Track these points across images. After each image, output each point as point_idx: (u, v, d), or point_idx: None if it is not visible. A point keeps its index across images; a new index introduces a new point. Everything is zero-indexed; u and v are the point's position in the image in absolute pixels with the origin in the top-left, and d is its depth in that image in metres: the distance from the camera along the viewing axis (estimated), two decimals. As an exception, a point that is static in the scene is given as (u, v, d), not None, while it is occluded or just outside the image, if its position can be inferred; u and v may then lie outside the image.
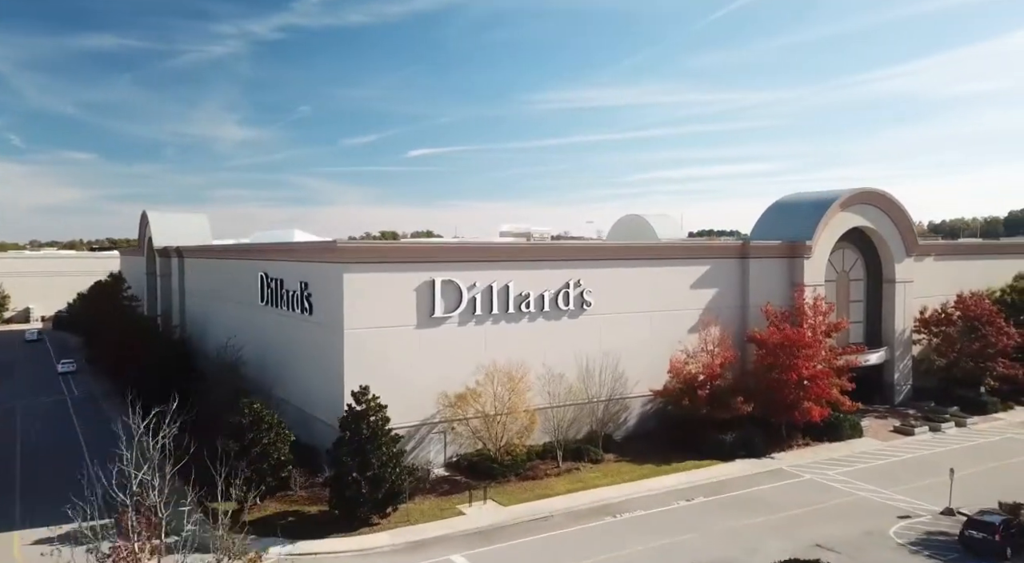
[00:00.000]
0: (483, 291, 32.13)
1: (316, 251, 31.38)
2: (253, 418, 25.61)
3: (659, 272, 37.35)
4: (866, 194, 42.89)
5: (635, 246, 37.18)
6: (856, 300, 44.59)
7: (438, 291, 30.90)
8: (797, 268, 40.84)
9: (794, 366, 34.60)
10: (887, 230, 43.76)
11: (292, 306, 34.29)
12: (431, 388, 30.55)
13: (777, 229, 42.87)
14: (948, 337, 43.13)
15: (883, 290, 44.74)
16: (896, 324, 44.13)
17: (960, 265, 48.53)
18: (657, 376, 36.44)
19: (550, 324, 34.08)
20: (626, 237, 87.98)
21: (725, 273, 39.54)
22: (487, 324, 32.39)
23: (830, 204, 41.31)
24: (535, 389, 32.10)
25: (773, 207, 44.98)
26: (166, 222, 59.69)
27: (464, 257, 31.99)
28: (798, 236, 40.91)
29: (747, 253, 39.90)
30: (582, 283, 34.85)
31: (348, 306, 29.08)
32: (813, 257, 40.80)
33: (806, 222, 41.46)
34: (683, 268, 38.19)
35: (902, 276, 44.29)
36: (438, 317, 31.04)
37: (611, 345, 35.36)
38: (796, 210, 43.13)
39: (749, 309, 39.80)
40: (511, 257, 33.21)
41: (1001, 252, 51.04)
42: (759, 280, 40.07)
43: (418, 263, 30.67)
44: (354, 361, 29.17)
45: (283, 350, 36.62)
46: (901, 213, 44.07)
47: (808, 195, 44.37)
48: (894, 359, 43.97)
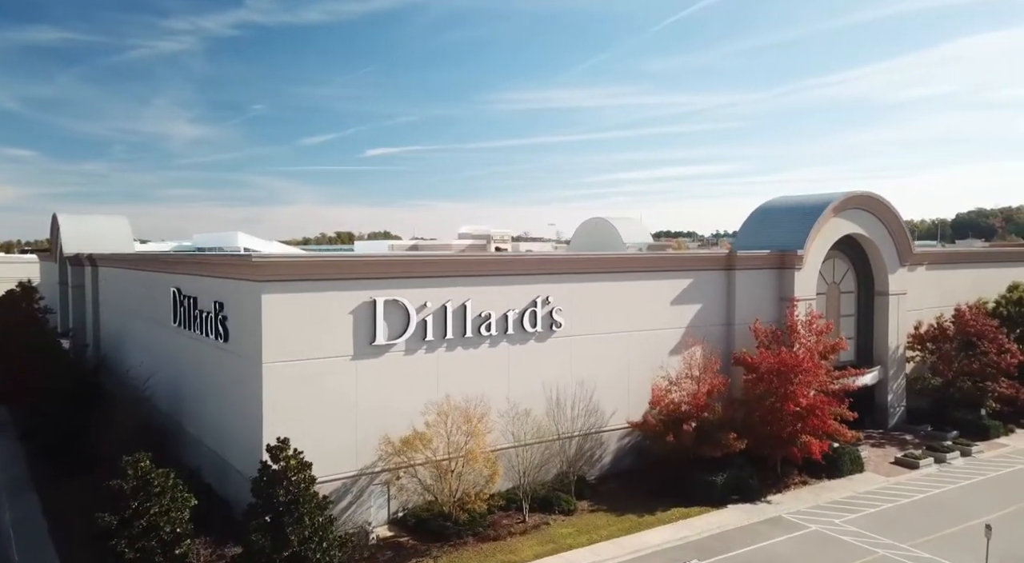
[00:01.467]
0: (435, 312, 27.07)
1: (230, 266, 25.93)
2: (138, 481, 20.07)
3: (637, 286, 32.78)
4: (860, 198, 39.07)
5: (610, 258, 32.62)
6: (847, 314, 40.79)
7: (380, 313, 25.73)
8: (787, 280, 36.76)
9: (790, 394, 30.40)
10: (881, 238, 40.06)
11: (206, 330, 28.68)
12: (372, 431, 25.36)
13: (763, 237, 38.79)
14: (945, 355, 39.57)
15: (875, 303, 41.04)
16: (890, 340, 40.46)
17: (952, 274, 45.24)
18: (636, 405, 31.90)
19: (514, 349, 29.18)
20: (590, 241, 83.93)
21: (709, 286, 35.21)
22: (440, 351, 27.32)
23: (822, 209, 37.35)
24: (497, 429, 27.18)
25: (758, 213, 40.89)
26: (79, 226, 53.02)
27: (413, 272, 26.84)
28: (788, 245, 36.84)
29: (733, 264, 35.63)
30: (551, 300, 30.06)
31: (268, 334, 23.70)
32: (804, 268, 36.78)
33: (796, 229, 37.43)
34: (663, 282, 33.69)
35: (896, 288, 40.66)
36: (380, 345, 25.85)
37: (584, 372, 30.67)
38: (784, 216, 39.09)
39: (735, 327, 35.53)
40: (469, 271, 28.17)
41: (993, 260, 48.04)
42: (746, 294, 35.86)
43: (356, 280, 25.42)
44: (275, 401, 23.81)
45: (197, 381, 30.95)
46: (895, 219, 40.42)
47: (796, 199, 40.39)
48: (887, 378, 40.29)
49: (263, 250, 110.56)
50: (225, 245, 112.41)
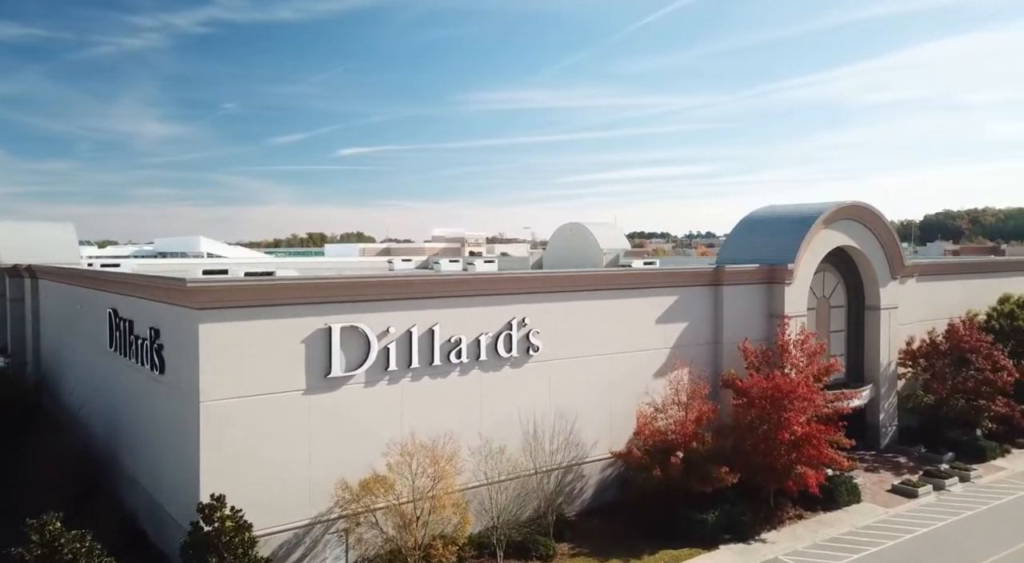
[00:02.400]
0: (399, 338, 24.36)
1: (164, 289, 22.96)
2: (45, 549, 17.10)
3: (620, 305, 30.39)
4: (851, 208, 37.14)
5: (591, 275, 30.14)
6: (837, 330, 38.86)
7: (336, 341, 22.95)
8: (776, 296, 34.66)
9: (784, 422, 28.24)
10: (872, 250, 38.19)
11: (141, 358, 25.62)
12: (327, 474, 22.60)
13: (749, 249, 36.67)
14: (939, 372, 37.81)
15: (866, 318, 39.18)
16: (881, 357, 38.60)
17: (943, 286, 43.62)
18: (619, 433, 29.55)
19: (488, 377, 26.57)
20: (566, 247, 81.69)
21: (696, 303, 32.96)
22: (404, 382, 24.61)
23: (813, 221, 35.31)
24: (468, 469, 24.58)
25: (744, 224, 38.77)
26: (19, 233, 49.19)
27: (374, 293, 24.08)
28: (777, 258, 34.76)
29: (720, 279, 33.42)
30: (528, 322, 27.52)
31: (206, 368, 20.81)
32: (795, 283, 34.71)
33: (785, 242, 35.36)
34: (648, 299, 31.34)
35: (887, 302, 38.83)
36: (337, 377, 23.08)
37: (564, 399, 28.21)
38: (772, 227, 37.02)
39: (723, 345, 33.33)
40: (437, 292, 25.48)
41: (983, 270, 46.55)
42: (734, 311, 33.68)
43: (309, 304, 22.62)
44: (215, 444, 20.93)
45: (134, 413, 27.84)
46: (887, 230, 38.60)
47: (784, 210, 38.35)
48: (879, 397, 38.43)
49: (228, 255, 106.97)
50: (188, 249, 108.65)
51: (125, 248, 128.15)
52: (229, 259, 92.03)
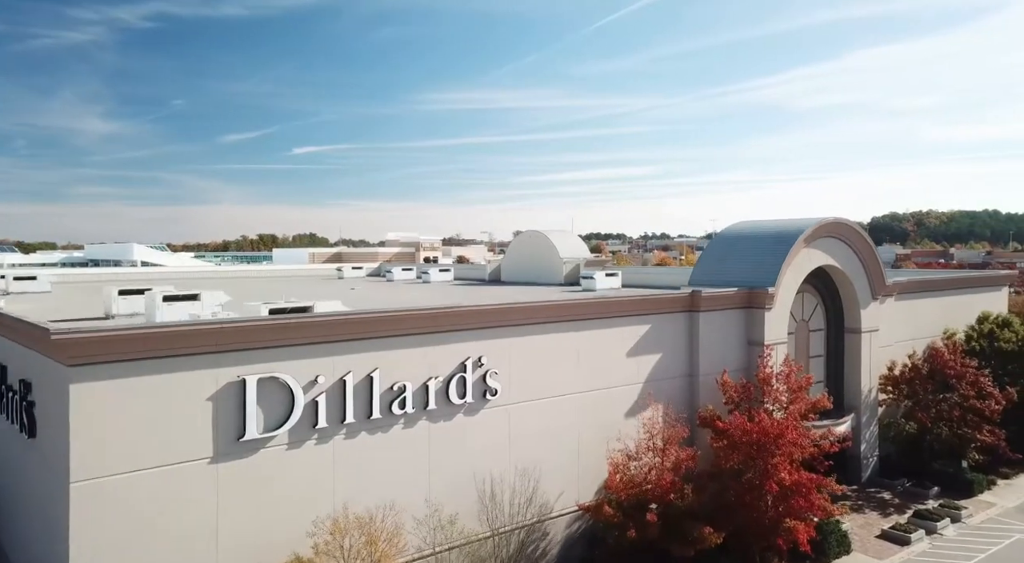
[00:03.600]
0: (331, 389, 20.46)
1: (31, 336, 18.62)
2: None
3: (588, 337, 26.99)
4: (832, 226, 34.50)
5: (556, 304, 26.62)
6: (816, 355, 36.23)
7: (251, 397, 18.94)
8: (756, 322, 31.75)
9: (771, 470, 25.23)
10: (853, 269, 35.66)
11: (12, 415, 21.13)
12: (241, 559, 18.57)
13: (725, 270, 33.75)
14: (923, 400, 35.47)
15: (846, 342, 36.65)
16: (863, 383, 36.12)
17: (921, 304, 41.43)
18: (588, 480, 26.22)
19: (437, 429, 22.83)
20: (525, 256, 78.14)
21: (669, 332, 29.79)
22: (336, 442, 20.70)
23: (794, 239, 32.52)
24: (413, 544, 20.80)
25: (718, 241, 35.84)
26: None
27: (298, 336, 20.11)
28: (755, 281, 31.86)
29: (696, 304, 30.31)
30: (484, 361, 23.87)
31: (80, 439, 16.59)
32: (775, 307, 31.84)
33: (764, 262, 32.51)
34: (618, 329, 28.01)
35: (868, 324, 36.36)
36: (253, 440, 19.06)
37: (525, 447, 24.65)
38: (749, 246, 34.14)
39: (700, 378, 30.25)
40: (377, 331, 21.62)
41: (960, 286, 44.63)
42: (711, 339, 30.64)
43: (216, 354, 18.55)
44: (89, 535, 16.72)
45: (8, 478, 23.22)
46: (868, 248, 36.12)
47: (761, 226, 35.54)
48: (860, 426, 35.91)
49: (164, 263, 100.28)
50: (122, 257, 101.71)
51: (53, 254, 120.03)
52: (163, 269, 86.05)
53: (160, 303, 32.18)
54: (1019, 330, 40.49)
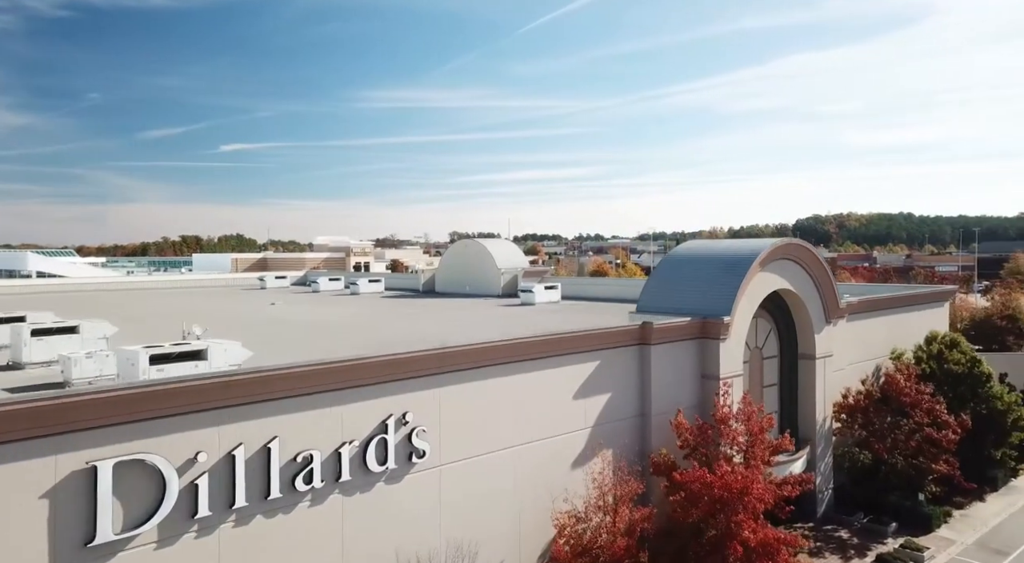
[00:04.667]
0: (215, 467, 16.49)
1: None
2: None
3: (531, 380, 23.73)
4: (788, 247, 32.37)
5: (494, 346, 23.11)
6: (770, 384, 34.05)
7: (105, 488, 14.82)
8: (710, 354, 29.20)
9: (735, 529, 22.57)
10: (808, 293, 33.63)
11: None
12: None
13: (675, 295, 31.10)
14: (880, 430, 33.74)
15: (799, 369, 34.62)
16: (817, 413, 34.15)
17: (870, 324, 39.95)
18: (532, 548, 22.95)
19: (353, 503, 19.10)
20: (461, 267, 74.62)
21: (619, 368, 26.86)
22: (223, 532, 16.73)
23: (749, 263, 30.11)
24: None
25: (668, 264, 33.20)
26: None
27: (171, 406, 16.04)
28: (710, 309, 29.30)
29: (648, 337, 27.47)
30: (410, 418, 20.27)
31: None
32: (730, 337, 29.36)
33: (717, 288, 29.99)
34: (564, 369, 24.85)
35: (822, 350, 34.42)
36: (107, 544, 14.94)
37: (459, 516, 21.17)
38: (701, 270, 31.58)
39: (652, 418, 27.45)
40: (275, 391, 17.73)
41: (908, 303, 43.52)
42: (663, 374, 27.88)
43: (53, 437, 14.35)
44: None
45: None
46: (823, 270, 34.17)
47: (713, 248, 33.09)
48: (816, 458, 33.92)
49: (64, 274, 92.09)
50: (13, 266, 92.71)
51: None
52: (61, 281, 78.53)
53: (28, 339, 27.16)
54: (967, 350, 39.50)
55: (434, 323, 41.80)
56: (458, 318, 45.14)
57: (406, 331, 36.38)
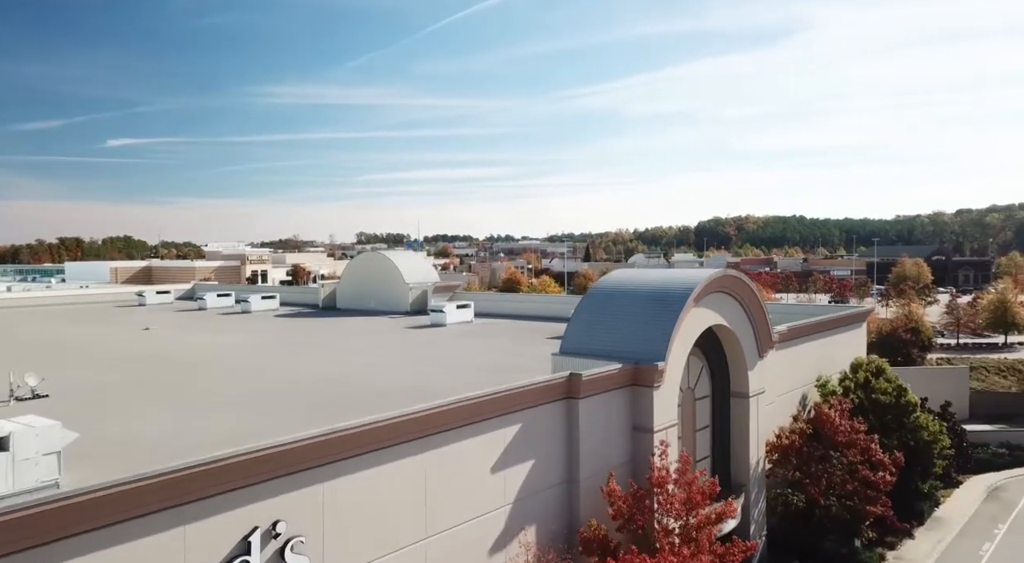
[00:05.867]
0: (-15, 645, 11.47)
1: None
2: None
3: (440, 456, 19.59)
4: (723, 280, 29.66)
5: (393, 423, 18.71)
6: (702, 427, 31.30)
7: None
8: (643, 403, 25.97)
9: (682, 625, 19.31)
10: (742, 326, 31.11)
11: None
12: None
13: (602, 334, 27.75)
14: (815, 473, 31.64)
15: (732, 408, 32.08)
16: (751, 455, 31.71)
17: (797, 352, 38.13)
18: None
19: (200, 656, 14.36)
20: (364, 282, 69.41)
21: (544, 428, 23.13)
22: None
23: (684, 300, 27.08)
24: None
25: (594, 298, 29.76)
26: None
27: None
28: (642, 352, 26.08)
29: (576, 390, 23.89)
30: (284, 528, 15.70)
31: None
32: (664, 384, 26.23)
33: (650, 328, 26.80)
34: (479, 438, 20.87)
35: (756, 386, 32.01)
36: None
37: (349, 643, 16.78)
38: (630, 306, 28.31)
39: (581, 484, 23.89)
40: (89, 519, 12.81)
41: (830, 327, 42.15)
42: (592, 431, 24.38)
43: None
44: None
45: None
46: (756, 301, 31.74)
47: (643, 281, 29.89)
48: (750, 504, 31.47)
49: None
50: None
51: None
52: None
53: None
54: (892, 378, 38.39)
55: (329, 358, 36.92)
56: (359, 349, 40.36)
57: (292, 374, 31.45)
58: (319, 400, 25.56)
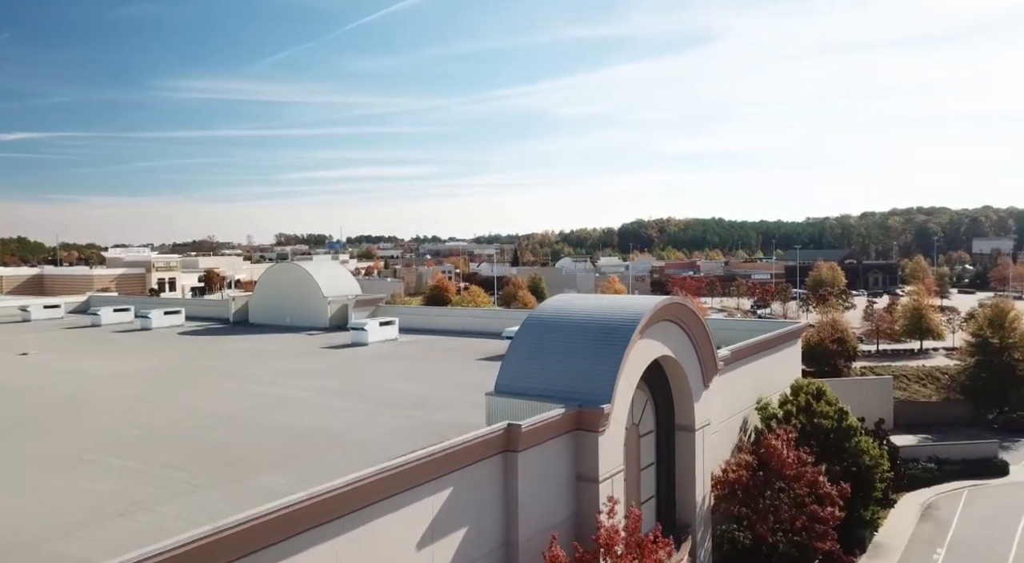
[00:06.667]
0: None
1: None
2: None
3: (357, 539, 16.37)
4: (670, 308, 27.51)
5: (300, 508, 15.34)
6: (647, 465, 29.07)
7: None
8: (587, 450, 23.42)
9: None
10: (687, 356, 29.08)
11: None
12: None
13: (541, 373, 25.05)
14: (763, 510, 29.96)
15: (678, 443, 30.02)
16: (697, 493, 29.73)
17: (738, 375, 36.55)
18: None
19: None
20: (282, 295, 64.78)
21: (479, 489, 20.20)
22: None
23: (630, 333, 24.69)
24: None
25: (532, 329, 26.95)
26: None
27: None
28: (585, 392, 23.54)
29: (515, 443, 21.06)
30: (146, 662, 12.18)
31: None
32: (610, 427, 23.77)
33: (595, 365, 24.28)
34: (405, 510, 17.76)
35: (701, 418, 30.07)
36: None
37: None
38: (572, 339, 25.70)
39: (519, 547, 21.09)
40: None
41: (769, 346, 40.89)
42: (532, 486, 21.62)
43: None
44: None
45: None
46: (702, 329, 29.77)
47: (583, 310, 27.29)
48: (696, 545, 29.49)
49: None
50: None
51: None
52: None
53: None
54: (833, 400, 37.43)
55: (232, 388, 32.99)
56: (267, 376, 36.44)
57: (183, 412, 27.48)
58: (206, 452, 21.96)
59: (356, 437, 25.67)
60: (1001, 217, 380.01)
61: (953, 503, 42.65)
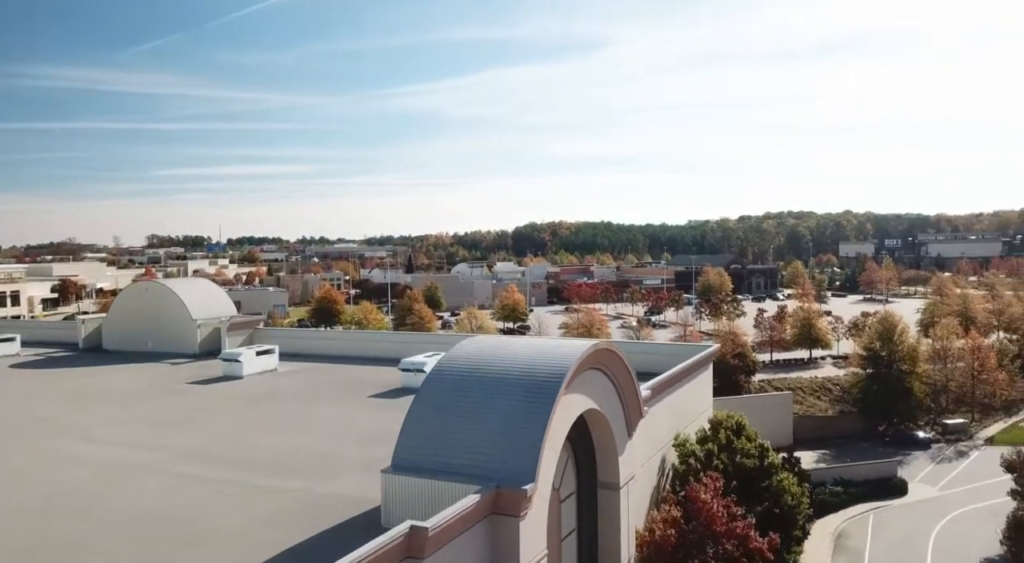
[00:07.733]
0: None
1: None
2: None
3: None
4: (598, 355, 23.95)
5: None
6: (568, 533, 25.43)
7: None
8: (507, 541, 19.39)
9: None
10: (611, 407, 25.72)
11: None
12: None
13: (450, 442, 20.78)
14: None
15: (600, 503, 26.60)
16: (622, 558, 26.45)
17: (655, 413, 33.72)
18: None
19: None
20: (143, 317, 56.83)
21: (373, 613, 15.71)
22: None
23: (556, 390, 20.88)
24: None
25: (434, 389, 22.52)
26: None
27: None
28: (506, 470, 19.52)
29: (418, 549, 16.69)
30: None
31: None
32: (533, 508, 19.89)
33: (515, 433, 20.28)
34: None
35: (626, 473, 26.82)
36: None
37: None
38: (483, 400, 21.49)
39: None
40: None
41: (683, 377, 38.41)
42: (442, 595, 17.39)
43: None
44: None
45: None
46: (628, 375, 26.48)
47: (498, 363, 23.09)
48: (621, 619, 26.21)
49: None
50: None
51: None
52: None
53: None
54: (752, 435, 35.45)
55: (59, 451, 26.74)
56: (111, 429, 30.21)
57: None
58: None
59: (216, 527, 20.48)
60: (860, 221, 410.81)
61: (862, 529, 42.07)
